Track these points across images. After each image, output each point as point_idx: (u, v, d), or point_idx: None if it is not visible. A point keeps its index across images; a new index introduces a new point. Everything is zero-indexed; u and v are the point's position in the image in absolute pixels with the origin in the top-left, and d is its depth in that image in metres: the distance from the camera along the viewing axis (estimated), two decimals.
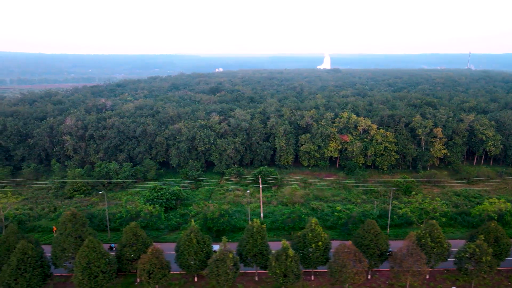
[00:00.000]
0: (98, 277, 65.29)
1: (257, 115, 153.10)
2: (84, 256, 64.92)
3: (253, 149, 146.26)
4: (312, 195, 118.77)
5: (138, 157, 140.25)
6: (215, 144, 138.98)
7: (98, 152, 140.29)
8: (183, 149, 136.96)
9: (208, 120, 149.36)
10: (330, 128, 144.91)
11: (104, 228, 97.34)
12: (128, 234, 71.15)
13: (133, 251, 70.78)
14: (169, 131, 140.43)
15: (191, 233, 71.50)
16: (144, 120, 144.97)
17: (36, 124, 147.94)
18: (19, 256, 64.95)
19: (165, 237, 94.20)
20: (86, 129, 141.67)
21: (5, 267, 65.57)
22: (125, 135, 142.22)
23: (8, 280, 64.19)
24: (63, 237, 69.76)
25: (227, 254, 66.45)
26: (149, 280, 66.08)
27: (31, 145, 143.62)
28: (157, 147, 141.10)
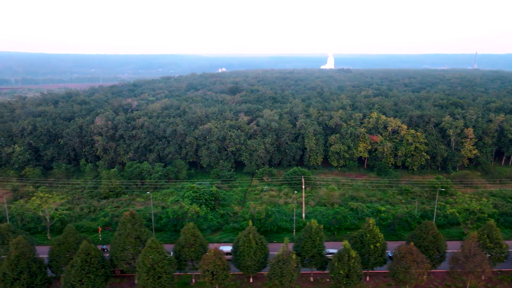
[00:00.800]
0: (161, 278, 65.15)
1: (285, 115, 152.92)
2: (148, 257, 64.80)
3: (281, 149, 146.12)
4: (347, 195, 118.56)
5: (168, 157, 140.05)
6: (245, 144, 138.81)
7: (128, 152, 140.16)
8: (214, 149, 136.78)
9: (236, 120, 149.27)
10: (359, 129, 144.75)
11: None
12: (187, 235, 70.95)
13: (192, 251, 70.63)
14: (199, 131, 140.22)
15: (249, 234, 71.30)
16: (173, 120, 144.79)
17: (64, 124, 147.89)
18: (83, 257, 64.82)
19: (210, 237, 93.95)
20: (116, 129, 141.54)
21: (68, 267, 65.46)
22: (154, 135, 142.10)
23: (73, 281, 64.08)
24: (123, 237, 69.55)
25: (290, 255, 66.29)
26: (212, 280, 65.91)
27: (61, 145, 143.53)
28: (187, 147, 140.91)
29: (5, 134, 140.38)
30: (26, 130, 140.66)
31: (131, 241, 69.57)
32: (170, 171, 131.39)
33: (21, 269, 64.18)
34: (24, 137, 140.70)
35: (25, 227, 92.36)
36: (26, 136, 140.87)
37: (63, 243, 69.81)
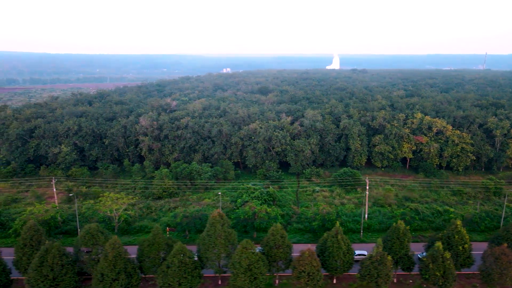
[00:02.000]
0: (257, 279, 65.06)
1: (327, 116, 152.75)
2: (244, 258, 64.70)
3: (325, 150, 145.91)
4: (400, 196, 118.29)
5: (214, 157, 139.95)
6: (290, 145, 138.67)
7: (173, 152, 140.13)
8: (260, 150, 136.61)
9: (279, 120, 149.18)
10: (404, 129, 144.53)
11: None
12: (276, 236, 70.81)
13: (281, 252, 70.52)
14: (244, 131, 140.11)
15: (337, 235, 71.20)
16: (217, 120, 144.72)
17: (107, 124, 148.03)
18: (179, 258, 64.76)
19: None
20: (161, 129, 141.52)
21: (163, 268, 65.42)
22: (199, 135, 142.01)
23: (171, 282, 64.01)
24: (212, 238, 69.47)
25: (385, 256, 66.13)
26: (307, 281, 65.76)
27: (105, 145, 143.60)
28: (232, 148, 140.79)
29: (51, 134, 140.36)
30: (71, 130, 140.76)
31: (221, 242, 69.50)
32: (219, 172, 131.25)
33: (119, 269, 64.14)
34: (69, 137, 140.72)
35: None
36: (71, 136, 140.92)
37: (153, 244, 69.73)
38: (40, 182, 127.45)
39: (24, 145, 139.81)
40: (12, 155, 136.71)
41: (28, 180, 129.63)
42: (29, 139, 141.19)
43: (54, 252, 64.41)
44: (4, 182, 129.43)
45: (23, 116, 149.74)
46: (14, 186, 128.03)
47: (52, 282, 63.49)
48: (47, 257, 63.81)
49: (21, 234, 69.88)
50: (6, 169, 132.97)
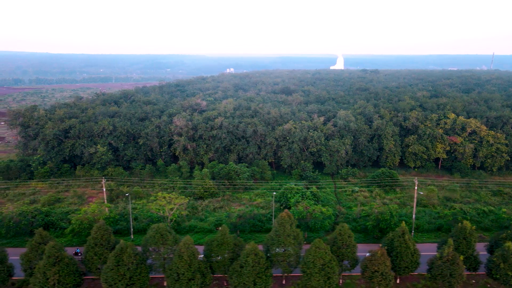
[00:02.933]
0: (331, 279, 65.31)
1: (358, 117, 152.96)
2: (318, 258, 64.97)
3: (358, 150, 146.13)
4: (441, 196, 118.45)
5: (248, 157, 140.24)
6: (325, 145, 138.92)
7: (208, 152, 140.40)
8: (296, 150, 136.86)
9: (311, 120, 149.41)
10: (437, 130, 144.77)
11: (259, 229, 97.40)
12: (344, 236, 71.06)
13: (349, 252, 70.78)
14: (279, 131, 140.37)
15: (404, 235, 71.42)
16: (251, 121, 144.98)
17: (140, 125, 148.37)
18: (253, 258, 65.02)
19: (326, 238, 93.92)
20: (195, 129, 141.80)
21: (236, 267, 65.68)
22: (233, 136, 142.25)
23: (246, 281, 64.26)
24: (282, 238, 69.67)
25: (456, 255, 66.33)
26: (380, 281, 66.00)
27: (139, 145, 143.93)
28: (267, 148, 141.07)
29: (86, 134, 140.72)
30: (106, 130, 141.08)
31: (290, 241, 69.77)
32: (255, 172, 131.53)
33: (194, 269, 64.44)
34: (104, 137, 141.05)
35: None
36: (106, 136, 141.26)
37: (222, 243, 69.97)
38: (85, 182, 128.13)
39: (60, 145, 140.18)
40: (49, 155, 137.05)
41: (70, 180, 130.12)
42: (64, 139, 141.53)
43: (129, 252, 64.73)
44: (43, 182, 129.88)
45: (56, 116, 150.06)
46: (52, 186, 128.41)
47: (128, 281, 63.82)
48: (123, 256, 64.10)
49: (91, 234, 70.09)
50: (43, 169, 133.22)
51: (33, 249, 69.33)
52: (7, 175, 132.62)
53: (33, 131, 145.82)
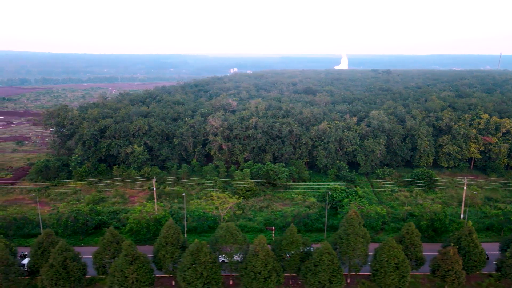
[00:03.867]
0: (405, 277, 65.77)
1: (390, 117, 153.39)
2: (393, 257, 65.51)
3: (391, 150, 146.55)
4: (482, 196, 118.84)
5: (283, 157, 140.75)
6: (360, 145, 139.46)
7: (243, 152, 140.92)
8: (332, 150, 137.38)
9: (344, 120, 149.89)
10: (471, 130, 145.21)
11: (309, 229, 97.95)
12: (412, 235, 71.60)
13: (417, 251, 71.31)
14: (314, 131, 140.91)
15: (472, 234, 71.98)
16: (286, 121, 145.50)
17: (174, 124, 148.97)
18: (327, 257, 65.54)
19: (379, 237, 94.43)
20: (231, 129, 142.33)
21: (309, 266, 66.22)
22: (269, 135, 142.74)
23: (322, 280, 64.73)
24: (351, 237, 70.16)
25: None
26: (453, 280, 66.50)
27: (173, 145, 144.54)
28: (302, 148, 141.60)
29: (122, 134, 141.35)
30: (141, 130, 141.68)
31: (360, 240, 70.31)
32: (293, 172, 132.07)
33: (270, 268, 65.01)
34: (140, 137, 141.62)
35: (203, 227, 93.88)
36: (142, 136, 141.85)
37: (292, 242, 70.52)
38: (123, 182, 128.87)
39: (96, 145, 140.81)
40: (86, 155, 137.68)
41: (108, 179, 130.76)
42: (100, 139, 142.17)
43: (205, 251, 65.32)
44: (88, 181, 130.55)
45: (90, 116, 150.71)
46: (92, 185, 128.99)
47: (205, 280, 64.41)
48: (200, 255, 64.64)
49: (162, 233, 70.66)
50: (81, 168, 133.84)
51: (105, 248, 70.00)
52: (45, 174, 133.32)
53: (68, 130, 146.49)
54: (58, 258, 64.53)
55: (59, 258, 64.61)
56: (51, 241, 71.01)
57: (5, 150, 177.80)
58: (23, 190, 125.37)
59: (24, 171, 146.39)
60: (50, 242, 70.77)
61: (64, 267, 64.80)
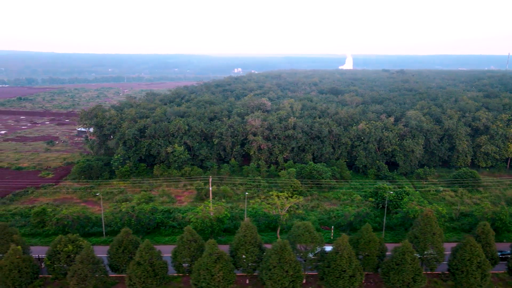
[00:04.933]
0: (487, 276, 66.38)
1: (426, 117, 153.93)
2: (475, 256, 66.10)
3: (429, 150, 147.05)
4: None
5: (323, 157, 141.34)
6: (399, 145, 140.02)
7: (283, 152, 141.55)
8: (372, 150, 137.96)
9: (381, 121, 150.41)
10: (509, 129, 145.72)
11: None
12: (488, 234, 72.21)
13: (492, 251, 71.92)
14: (353, 131, 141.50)
15: None
16: (325, 121, 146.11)
17: (212, 124, 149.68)
18: (410, 256, 66.13)
19: None
20: (271, 129, 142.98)
21: (391, 265, 66.84)
22: (308, 135, 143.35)
23: (406, 279, 65.35)
24: (428, 236, 70.77)
25: None
26: None
27: (212, 145, 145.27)
28: (341, 148, 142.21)
29: (162, 133, 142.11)
30: (181, 130, 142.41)
31: (438, 239, 70.91)
32: (335, 171, 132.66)
33: (355, 266, 65.64)
34: (179, 137, 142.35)
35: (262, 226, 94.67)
36: (181, 136, 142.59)
37: (370, 241, 71.13)
38: (173, 182, 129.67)
39: (136, 145, 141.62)
40: (127, 154, 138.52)
41: (150, 179, 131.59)
42: (140, 139, 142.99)
43: (289, 249, 65.95)
44: (135, 181, 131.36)
45: (128, 116, 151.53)
46: (135, 185, 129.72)
47: (290, 278, 65.06)
48: (285, 254, 65.28)
49: (239, 232, 71.39)
50: (123, 168, 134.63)
51: (184, 246, 70.70)
52: (88, 174, 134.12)
53: (107, 130, 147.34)
54: (145, 256, 65.29)
55: (146, 256, 65.38)
56: (130, 240, 71.83)
57: (38, 150, 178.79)
58: (69, 190, 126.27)
59: (63, 170, 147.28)
60: (129, 241, 71.59)
61: (151, 265, 65.59)
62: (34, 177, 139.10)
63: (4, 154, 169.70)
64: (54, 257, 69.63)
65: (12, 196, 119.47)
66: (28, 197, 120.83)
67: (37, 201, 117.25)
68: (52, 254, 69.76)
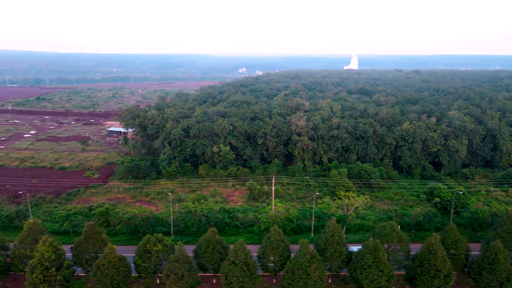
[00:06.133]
0: None
1: (467, 117, 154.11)
2: None
3: (471, 150, 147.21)
4: None
5: (367, 158, 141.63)
6: (443, 145, 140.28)
7: (327, 152, 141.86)
8: (417, 150, 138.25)
9: (423, 121, 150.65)
10: None
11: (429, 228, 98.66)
12: None
13: None
14: (398, 131, 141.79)
15: None
16: (368, 121, 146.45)
17: (255, 124, 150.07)
18: (503, 255, 66.48)
19: None
20: (315, 129, 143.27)
21: (481, 263, 67.25)
22: (352, 136, 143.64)
23: (499, 278, 65.69)
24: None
25: None
26: None
27: (256, 145, 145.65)
28: (385, 148, 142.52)
29: (206, 133, 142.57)
30: (225, 130, 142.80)
31: None
32: (382, 172, 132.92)
33: (448, 265, 66.04)
34: (224, 137, 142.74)
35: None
36: (225, 136, 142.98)
37: (456, 241, 71.47)
38: (221, 182, 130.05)
39: (181, 145, 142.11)
40: (173, 154, 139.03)
41: (194, 178, 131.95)
42: (184, 139, 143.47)
43: (382, 249, 66.29)
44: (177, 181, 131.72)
45: (171, 116, 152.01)
46: (184, 185, 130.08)
47: (385, 278, 65.38)
48: (378, 254, 65.58)
49: (326, 232, 71.80)
50: (170, 167, 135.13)
51: (272, 246, 71.09)
52: (135, 174, 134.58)
53: (151, 130, 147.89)
54: (240, 256, 65.72)
55: (242, 256, 65.82)
56: (217, 240, 72.30)
57: (74, 150, 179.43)
58: (119, 189, 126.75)
59: (107, 170, 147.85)
60: (217, 241, 72.04)
61: (246, 264, 66.01)
62: (80, 177, 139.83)
63: (42, 154, 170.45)
64: (145, 256, 70.11)
65: (66, 195, 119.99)
66: (81, 196, 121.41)
67: (90, 201, 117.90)
68: (142, 253, 70.23)
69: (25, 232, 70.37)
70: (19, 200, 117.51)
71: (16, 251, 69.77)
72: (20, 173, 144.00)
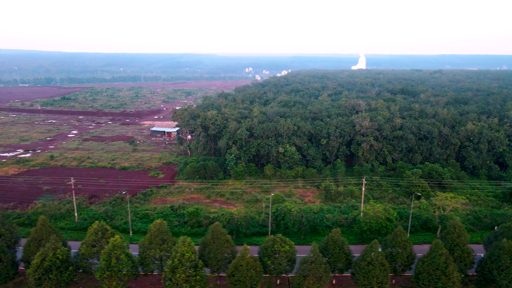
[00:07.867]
0: None
1: None
2: None
3: None
4: None
5: (432, 158, 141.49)
6: (508, 145, 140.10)
7: (392, 152, 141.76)
8: (484, 151, 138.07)
9: (484, 121, 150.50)
10: None
11: None
12: None
13: None
14: (463, 132, 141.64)
15: None
16: (431, 121, 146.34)
17: (318, 124, 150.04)
18: None
19: None
20: (379, 129, 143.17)
21: None
22: (416, 136, 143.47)
23: None
24: None
25: None
26: None
27: (320, 145, 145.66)
28: (450, 148, 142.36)
29: (270, 133, 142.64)
30: (290, 130, 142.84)
31: None
32: (451, 172, 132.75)
33: None
34: (288, 137, 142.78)
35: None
36: (289, 136, 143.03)
37: None
38: (307, 183, 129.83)
39: (246, 145, 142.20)
40: (238, 155, 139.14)
41: (270, 179, 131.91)
42: (248, 139, 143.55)
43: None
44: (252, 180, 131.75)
45: (231, 116, 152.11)
46: (253, 185, 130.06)
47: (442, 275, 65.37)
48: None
49: (452, 233, 71.69)
50: (238, 167, 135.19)
51: (400, 246, 71.10)
52: (203, 174, 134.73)
53: (213, 130, 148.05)
54: (378, 257, 65.75)
55: (380, 257, 65.85)
56: (342, 240, 72.26)
57: (125, 150, 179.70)
58: (192, 190, 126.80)
59: (169, 170, 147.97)
60: (342, 241, 72.02)
61: (382, 265, 66.01)
62: (146, 177, 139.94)
63: (96, 154, 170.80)
64: (273, 257, 70.14)
65: (142, 195, 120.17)
66: (156, 196, 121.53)
67: (167, 201, 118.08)
68: (270, 254, 70.24)
69: (153, 233, 70.40)
70: (95, 200, 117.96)
71: (145, 252, 69.85)
72: (84, 173, 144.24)
